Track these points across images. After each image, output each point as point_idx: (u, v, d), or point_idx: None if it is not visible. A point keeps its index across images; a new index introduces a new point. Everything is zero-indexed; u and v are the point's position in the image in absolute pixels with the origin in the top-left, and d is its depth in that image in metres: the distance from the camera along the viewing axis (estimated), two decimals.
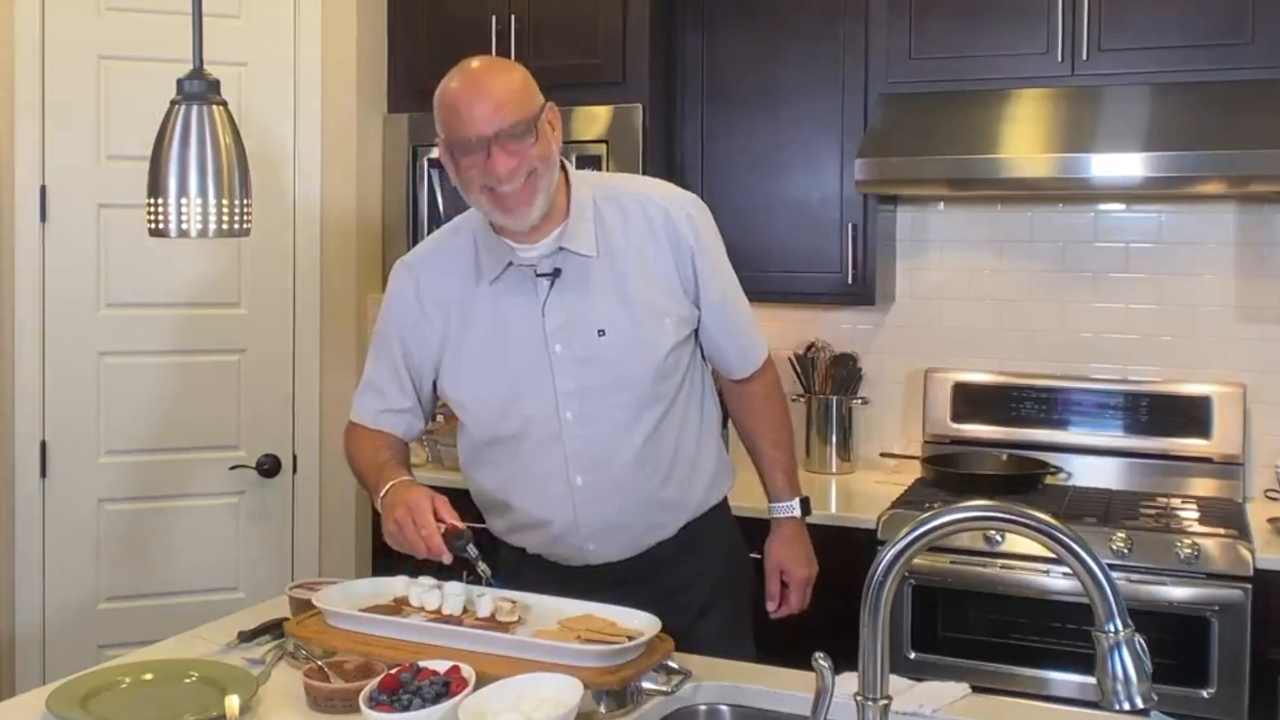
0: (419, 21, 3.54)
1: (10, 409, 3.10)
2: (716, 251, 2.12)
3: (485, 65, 1.95)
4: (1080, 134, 2.92)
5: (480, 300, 2.05)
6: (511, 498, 2.12)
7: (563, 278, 2.00)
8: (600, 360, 2.00)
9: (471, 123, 1.88)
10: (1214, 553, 2.69)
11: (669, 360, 2.04)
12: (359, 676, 1.69)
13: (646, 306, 2.01)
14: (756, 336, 2.22)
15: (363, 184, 3.48)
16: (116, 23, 3.13)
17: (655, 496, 2.07)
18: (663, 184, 2.18)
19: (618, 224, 2.03)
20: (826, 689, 1.45)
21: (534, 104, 1.92)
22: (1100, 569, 1.23)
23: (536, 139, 1.91)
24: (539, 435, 2.03)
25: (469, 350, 2.06)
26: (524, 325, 2.01)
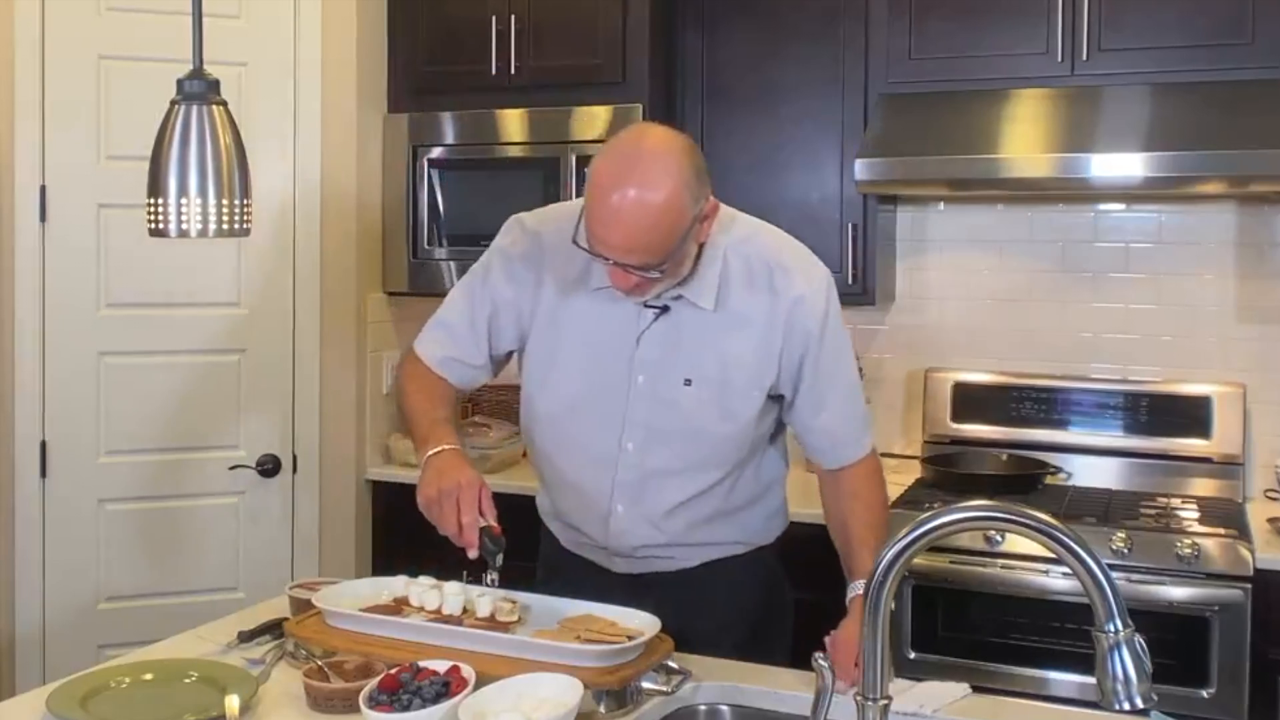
0: (419, 21, 3.54)
1: (10, 409, 3.10)
2: (834, 341, 1.97)
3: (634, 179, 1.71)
4: (1080, 134, 2.92)
5: (582, 299, 1.96)
6: (555, 494, 2.12)
7: (669, 315, 1.92)
8: (678, 407, 1.94)
9: (600, 241, 1.75)
10: (1214, 553, 2.69)
11: (746, 431, 1.97)
12: (359, 676, 1.69)
13: (741, 374, 1.93)
14: (858, 436, 2.05)
15: (363, 184, 3.48)
16: (116, 23, 3.13)
17: (689, 537, 2.03)
18: (801, 252, 2.00)
19: (741, 282, 1.92)
20: (826, 689, 1.46)
21: (669, 244, 1.74)
22: (1100, 569, 1.23)
23: (666, 268, 1.78)
24: (596, 453, 1.99)
25: (558, 343, 1.99)
26: (615, 344, 1.94)
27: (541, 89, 3.39)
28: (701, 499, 2.00)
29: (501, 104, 3.44)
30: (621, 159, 1.74)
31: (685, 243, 1.78)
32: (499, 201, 3.46)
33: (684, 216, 1.74)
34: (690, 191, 1.74)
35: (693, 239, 1.80)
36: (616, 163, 1.74)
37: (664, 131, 1.81)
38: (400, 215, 3.55)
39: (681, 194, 1.73)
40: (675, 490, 1.99)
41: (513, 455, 3.55)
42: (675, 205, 1.72)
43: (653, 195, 1.71)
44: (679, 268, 1.82)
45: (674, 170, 1.73)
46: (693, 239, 1.80)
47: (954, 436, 3.40)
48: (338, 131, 3.37)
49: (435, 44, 3.53)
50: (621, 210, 1.71)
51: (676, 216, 1.73)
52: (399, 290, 3.59)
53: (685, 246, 1.79)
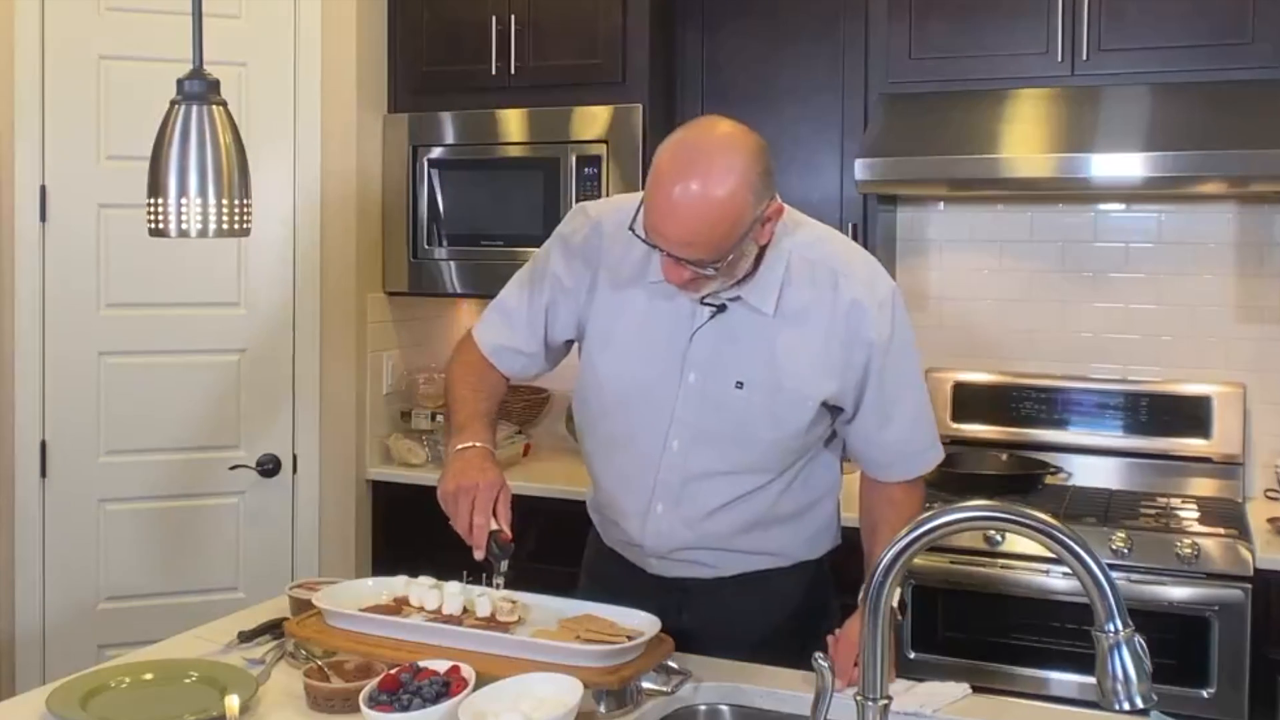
0: (419, 21, 3.55)
1: (10, 409, 3.10)
2: (900, 351, 1.91)
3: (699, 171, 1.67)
4: (1080, 134, 2.92)
5: (639, 290, 1.92)
6: (599, 487, 2.09)
7: (725, 315, 1.87)
8: (727, 409, 1.89)
9: (658, 232, 1.71)
10: (1214, 553, 2.69)
11: (796, 439, 1.92)
12: (359, 676, 1.69)
13: (795, 381, 1.87)
14: (924, 448, 2.00)
15: (363, 184, 3.48)
16: (116, 23, 3.13)
17: (727, 546, 1.99)
18: (867, 261, 1.95)
19: (805, 288, 1.87)
20: (826, 689, 1.45)
21: (729, 242, 1.70)
22: (1100, 569, 1.23)
23: (721, 266, 1.73)
24: (641, 449, 1.96)
25: (611, 333, 1.96)
26: (669, 339, 1.91)
27: (541, 89, 3.39)
28: (742, 504, 1.96)
29: (501, 104, 3.44)
30: (686, 151, 1.70)
31: (744, 242, 1.73)
32: (499, 201, 3.46)
33: (745, 215, 1.70)
34: (754, 191, 1.70)
35: (752, 239, 1.76)
36: (681, 154, 1.70)
37: (733, 127, 1.76)
38: (400, 215, 3.56)
39: (744, 192, 1.69)
40: (716, 494, 1.95)
41: (514, 455, 3.55)
42: (737, 203, 1.68)
43: (715, 191, 1.67)
44: (735, 267, 1.77)
45: (739, 167, 1.69)
46: (752, 239, 1.76)
47: (954, 436, 3.40)
48: (338, 131, 3.37)
49: (435, 44, 3.53)
50: (681, 203, 1.67)
51: (737, 215, 1.69)
52: (399, 290, 3.59)
53: (744, 246, 1.74)
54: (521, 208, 3.42)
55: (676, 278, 1.76)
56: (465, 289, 3.55)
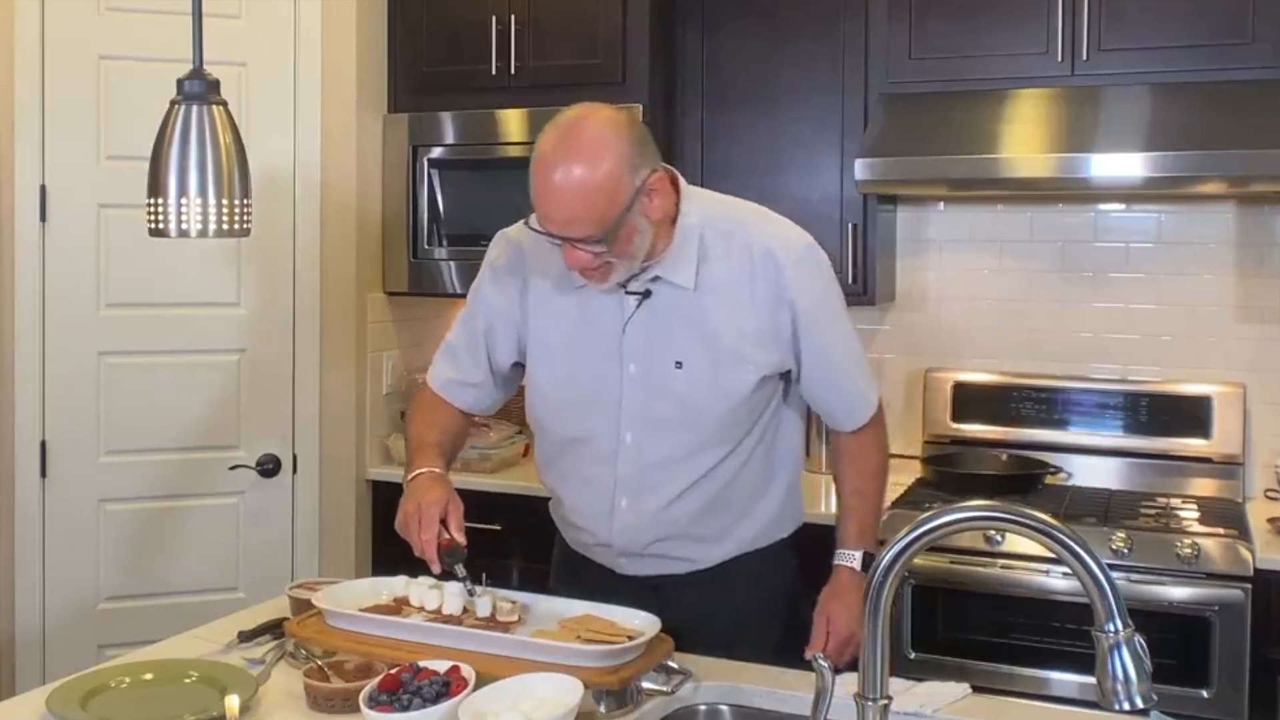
0: (419, 21, 3.54)
1: (10, 409, 3.10)
2: (823, 302, 1.99)
3: (571, 152, 1.76)
4: (1080, 134, 2.92)
5: (568, 297, 1.98)
6: (560, 494, 2.12)
7: (651, 300, 1.93)
8: (671, 392, 1.94)
9: (544, 216, 1.81)
10: (1214, 553, 2.69)
11: (743, 407, 1.97)
12: (359, 676, 1.69)
13: (730, 350, 1.93)
14: (865, 388, 2.08)
15: (363, 184, 3.48)
16: (116, 23, 3.13)
17: (696, 532, 2.02)
18: (778, 224, 2.02)
19: (720, 258, 1.93)
20: (826, 689, 1.45)
21: (611, 213, 1.77)
22: (1100, 569, 1.23)
23: (613, 243, 1.80)
24: (597, 449, 2.00)
25: (548, 344, 2.02)
26: (603, 337, 1.96)
27: (541, 89, 3.39)
28: (705, 483, 1.99)
29: (501, 104, 3.44)
30: (559, 133, 1.79)
31: (628, 215, 1.79)
32: (499, 201, 3.46)
33: (621, 186, 1.77)
34: (627, 162, 1.78)
35: (640, 213, 1.82)
36: (554, 137, 1.79)
37: (603, 108, 1.84)
38: (400, 215, 3.55)
39: (617, 164, 1.77)
40: (677, 479, 1.98)
41: (513, 455, 3.55)
42: (611, 175, 1.76)
43: (587, 164, 1.76)
44: (629, 243, 1.83)
45: (609, 139, 1.78)
46: (640, 213, 1.82)
47: (954, 436, 3.40)
48: (338, 132, 3.37)
49: (435, 44, 3.53)
50: (558, 183, 1.76)
51: (613, 187, 1.77)
52: (399, 290, 3.59)
53: (630, 219, 1.80)
54: (521, 208, 3.32)
55: (576, 262, 1.83)
56: (465, 289, 3.50)
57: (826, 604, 2.05)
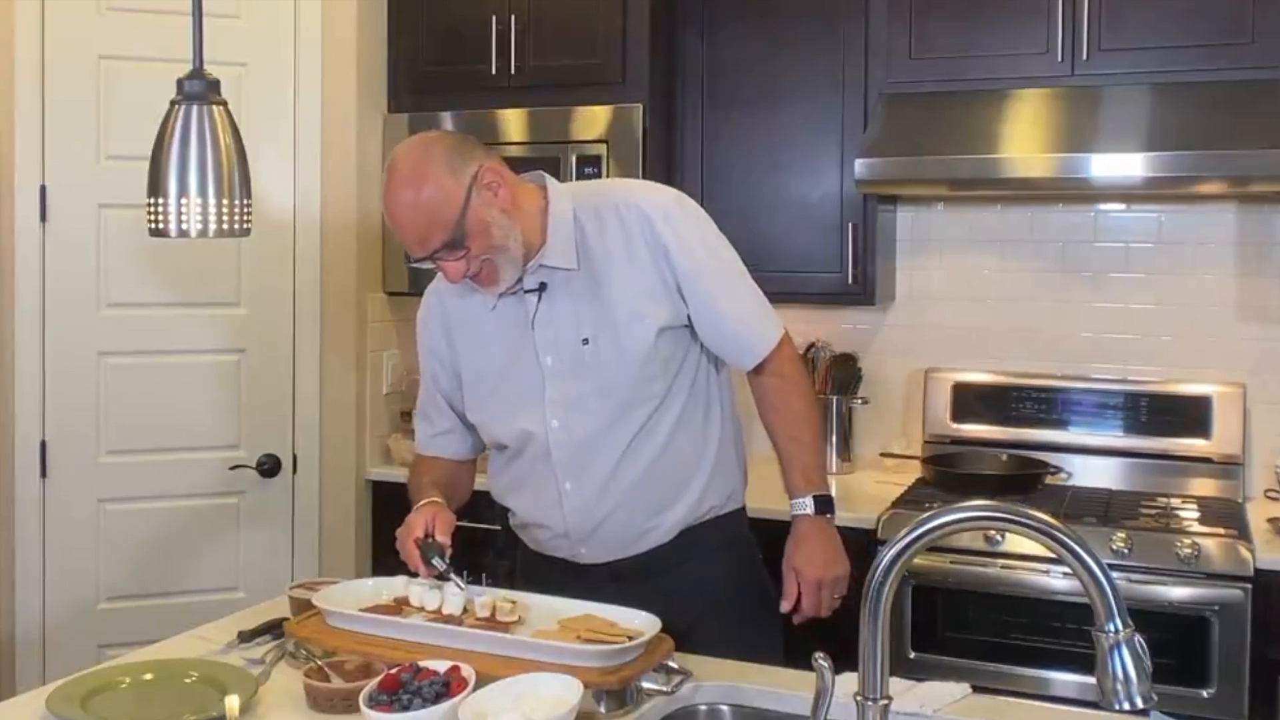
0: (419, 21, 3.54)
1: (10, 409, 3.10)
2: (699, 246, 2.07)
3: (397, 187, 1.91)
4: (1080, 134, 2.92)
5: (489, 321, 2.09)
6: (510, 501, 2.18)
7: (549, 291, 2.03)
8: (585, 368, 2.03)
9: (408, 248, 1.95)
10: (1214, 553, 2.69)
11: (653, 362, 2.03)
12: (359, 676, 1.69)
13: (626, 310, 2.01)
14: (759, 325, 2.13)
15: (363, 184, 3.48)
16: (116, 23, 3.13)
17: (644, 499, 2.06)
18: (643, 185, 2.18)
19: (595, 232, 2.04)
20: (826, 689, 1.45)
21: (451, 214, 1.89)
22: (1100, 569, 1.23)
23: (471, 240, 1.91)
24: (533, 447, 2.08)
25: (480, 369, 2.12)
26: (520, 342, 2.06)
27: (541, 89, 3.39)
28: (638, 447, 2.04)
29: (501, 104, 3.44)
30: (389, 173, 1.94)
31: (469, 210, 1.90)
32: None
33: (447, 188, 1.89)
34: (445, 166, 1.90)
35: (483, 204, 1.92)
36: (387, 177, 1.94)
37: (419, 134, 2.02)
38: None
39: (435, 172, 1.90)
40: (610, 448, 2.04)
41: None
42: (433, 183, 1.89)
43: (410, 186, 1.90)
44: (488, 238, 1.93)
45: (421, 158, 1.92)
46: (483, 204, 1.92)
47: (954, 436, 3.40)
48: (338, 131, 3.37)
49: (435, 44, 3.53)
50: (395, 211, 1.92)
51: (440, 192, 1.89)
52: (399, 290, 3.58)
53: (475, 213, 1.90)
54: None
55: (457, 274, 1.94)
56: None
57: (791, 556, 2.11)
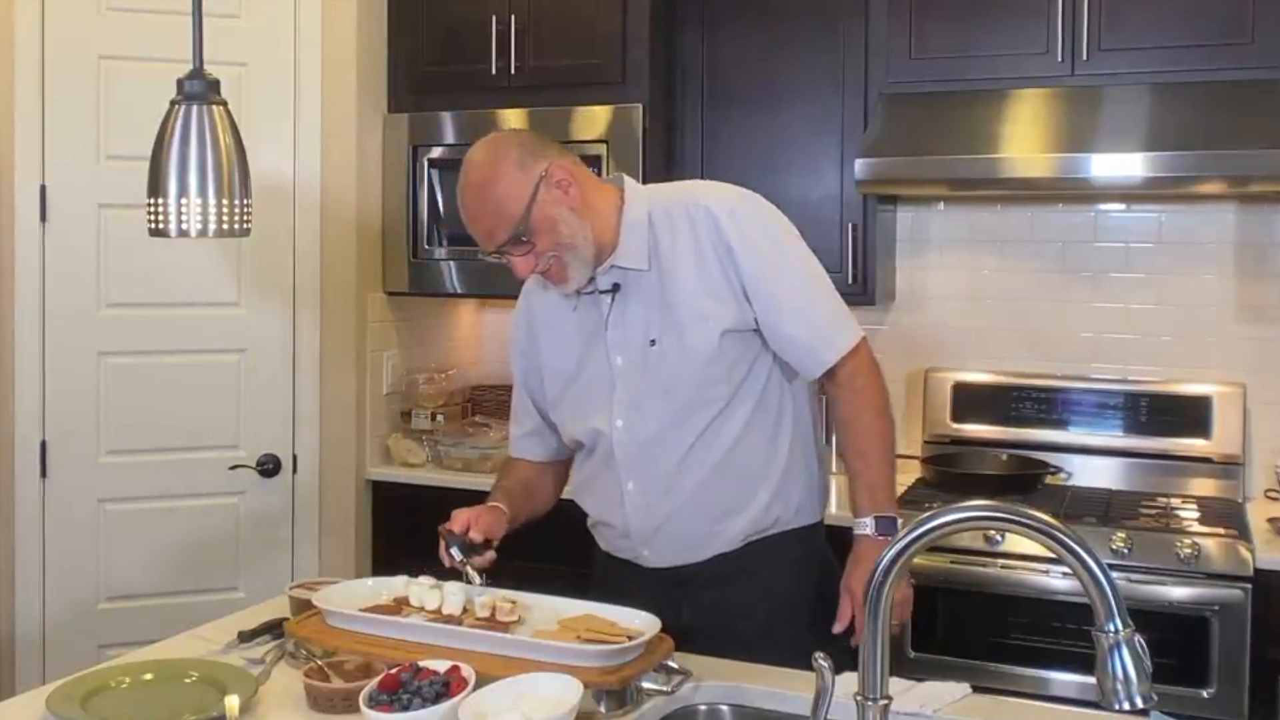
0: (419, 21, 3.54)
1: (10, 409, 3.10)
2: (767, 246, 2.04)
3: (468, 181, 1.97)
4: (1080, 134, 2.92)
5: (569, 321, 2.11)
6: (581, 499, 2.19)
7: (622, 292, 2.05)
8: (651, 369, 2.02)
9: (477, 241, 2.01)
10: (1214, 553, 2.69)
11: (717, 365, 2.01)
12: (359, 676, 1.69)
13: (690, 311, 2.00)
14: (829, 331, 2.06)
15: (363, 184, 3.48)
16: (116, 23, 3.13)
17: (705, 504, 2.04)
18: (714, 185, 2.15)
19: (666, 233, 2.04)
20: (826, 689, 1.45)
21: (517, 209, 1.93)
22: (1100, 569, 1.23)
23: (537, 236, 1.95)
24: (602, 446, 2.08)
25: (557, 367, 2.14)
26: (594, 342, 2.07)
27: (541, 89, 3.39)
28: (700, 451, 2.02)
29: (501, 104, 3.44)
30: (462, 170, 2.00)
31: (536, 204, 1.93)
32: None
33: (515, 182, 1.94)
34: (514, 163, 1.95)
35: (552, 203, 1.95)
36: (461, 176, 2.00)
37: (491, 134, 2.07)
38: (400, 215, 3.55)
39: (504, 167, 1.95)
40: (672, 448, 2.03)
41: None
42: (501, 178, 1.94)
43: (479, 181, 1.96)
44: (555, 234, 1.95)
45: (490, 155, 1.97)
46: (552, 203, 1.95)
47: (954, 436, 3.40)
48: (338, 131, 3.37)
49: (435, 44, 3.53)
50: (466, 204, 1.99)
51: (507, 186, 1.94)
52: (399, 290, 3.59)
53: (541, 208, 1.94)
54: None
55: (526, 269, 1.99)
56: (465, 289, 3.55)
57: (848, 577, 2.04)
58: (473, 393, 3.85)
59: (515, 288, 3.44)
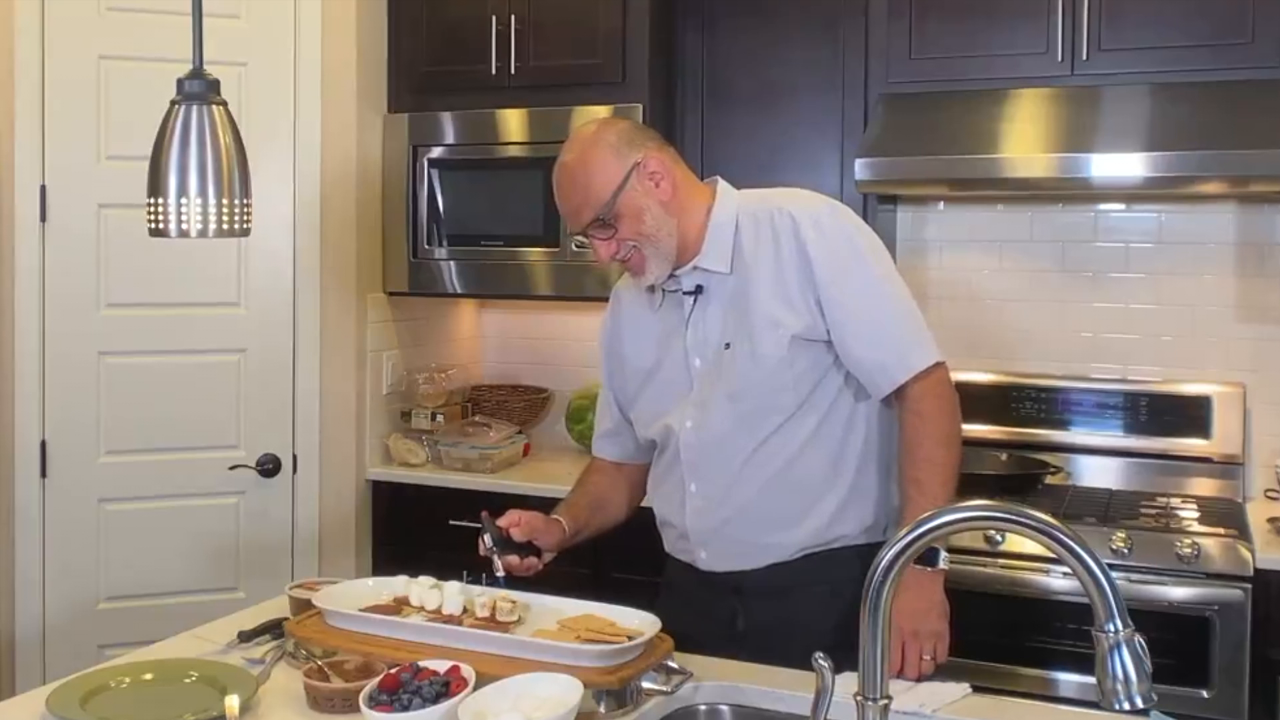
0: (419, 21, 3.54)
1: (10, 409, 3.10)
2: (847, 257, 2.01)
3: (564, 160, 2.01)
4: (1080, 134, 2.92)
5: (652, 319, 2.14)
6: (651, 497, 2.21)
7: (704, 294, 2.06)
8: (724, 372, 2.03)
9: (564, 218, 2.06)
10: (1214, 553, 2.69)
11: (785, 372, 1.99)
12: (359, 676, 1.69)
13: (763, 316, 2.00)
14: (900, 349, 2.00)
15: (363, 184, 3.48)
16: (116, 23, 3.13)
17: (764, 511, 2.02)
18: (805, 193, 2.14)
19: (751, 237, 2.04)
20: (826, 689, 1.45)
21: (605, 193, 1.97)
22: (1100, 569, 1.23)
23: (621, 223, 1.98)
24: (672, 445, 2.09)
25: (638, 363, 2.16)
26: (674, 342, 2.09)
27: (541, 89, 3.39)
28: (762, 457, 2.01)
29: (501, 104, 3.44)
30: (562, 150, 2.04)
31: (625, 192, 1.97)
32: (499, 201, 3.46)
33: (609, 166, 1.97)
34: (611, 148, 1.99)
35: (642, 194, 1.98)
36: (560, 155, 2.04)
37: (595, 119, 2.12)
38: (400, 215, 3.55)
39: (601, 150, 1.98)
40: (734, 452, 2.02)
41: (513, 455, 3.55)
42: (596, 159, 1.98)
43: (575, 160, 2.00)
44: (640, 223, 1.98)
45: (592, 137, 2.01)
46: (642, 194, 1.98)
47: None
48: (338, 131, 3.37)
49: (435, 44, 3.53)
50: (559, 181, 2.02)
51: (601, 169, 1.97)
52: (399, 290, 3.59)
53: (630, 197, 1.97)
54: (521, 208, 3.42)
55: (607, 253, 2.01)
56: (465, 289, 3.55)
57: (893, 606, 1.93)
58: (472, 393, 3.85)
59: (515, 288, 3.49)
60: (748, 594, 2.04)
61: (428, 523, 3.38)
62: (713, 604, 2.01)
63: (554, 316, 3.92)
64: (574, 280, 3.38)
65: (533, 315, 3.97)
